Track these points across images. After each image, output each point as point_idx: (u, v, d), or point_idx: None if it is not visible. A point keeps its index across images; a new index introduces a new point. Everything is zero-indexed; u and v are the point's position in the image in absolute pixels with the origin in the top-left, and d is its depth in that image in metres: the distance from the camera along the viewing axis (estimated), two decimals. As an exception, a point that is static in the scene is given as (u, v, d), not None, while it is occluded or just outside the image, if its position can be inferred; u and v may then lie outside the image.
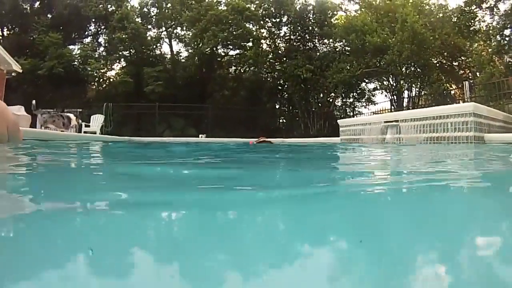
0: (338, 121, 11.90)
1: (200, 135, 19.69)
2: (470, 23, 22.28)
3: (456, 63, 24.14)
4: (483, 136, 6.90)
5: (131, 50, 24.93)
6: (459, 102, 20.63)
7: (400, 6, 22.49)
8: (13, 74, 16.80)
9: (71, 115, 13.57)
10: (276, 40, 25.63)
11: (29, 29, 24.76)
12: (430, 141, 7.38)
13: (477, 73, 21.61)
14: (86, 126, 18.21)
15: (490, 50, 21.63)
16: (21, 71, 17.26)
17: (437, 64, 23.57)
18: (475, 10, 22.18)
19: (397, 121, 8.52)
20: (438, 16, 23.63)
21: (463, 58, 23.81)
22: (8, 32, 26.37)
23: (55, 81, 22.65)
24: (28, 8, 26.40)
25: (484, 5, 21.90)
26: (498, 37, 20.38)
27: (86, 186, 1.42)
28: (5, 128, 3.04)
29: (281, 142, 14.90)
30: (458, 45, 22.14)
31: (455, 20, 22.64)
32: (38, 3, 26.39)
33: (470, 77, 22.30)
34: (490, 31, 21.31)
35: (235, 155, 4.71)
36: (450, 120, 7.04)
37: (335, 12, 25.15)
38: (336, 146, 8.08)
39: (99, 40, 27.45)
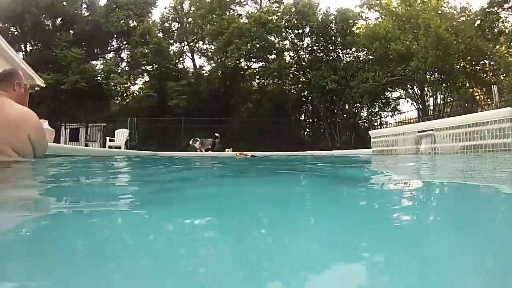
0: (370, 132, 11.59)
1: (226, 149, 19.42)
2: (494, 25, 22.11)
3: (479, 67, 23.80)
4: (521, 142, 6.59)
5: (154, 64, 24.91)
6: (485, 107, 20.36)
7: (421, 11, 22.32)
8: (36, 88, 16.78)
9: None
10: (299, 51, 25.45)
11: (52, 45, 24.96)
12: (467, 150, 7.08)
13: (502, 76, 21.34)
14: (110, 140, 18.16)
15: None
16: (44, 85, 17.25)
17: (460, 69, 23.25)
18: (498, 11, 22.03)
19: (431, 130, 8.23)
20: (460, 20, 23.46)
21: (486, 61, 23.51)
22: (31, 48, 26.68)
23: (78, 96, 22.76)
24: (50, 24, 26.80)
25: (506, 5, 21.76)
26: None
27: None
28: (26, 135, 2.97)
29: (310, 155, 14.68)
30: (481, 48, 21.84)
31: (478, 23, 22.47)
32: (60, 19, 26.75)
33: (493, 81, 22.00)
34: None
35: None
36: (487, 127, 6.67)
37: (356, 22, 25.03)
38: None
39: (122, 55, 27.81)
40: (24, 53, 25.75)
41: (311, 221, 1.07)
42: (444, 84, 22.40)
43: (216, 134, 18.61)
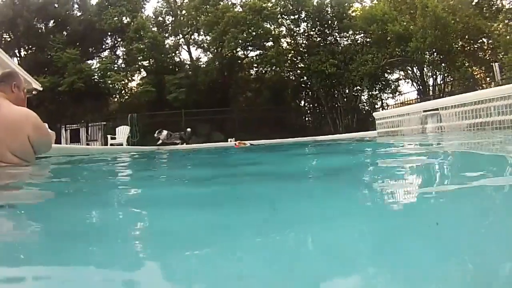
0: (374, 114, 11.52)
1: (229, 139, 19.28)
2: (492, 2, 21.92)
3: (477, 46, 23.60)
4: (528, 118, 6.47)
5: (150, 59, 24.82)
6: (484, 86, 20.23)
7: (417, -9, 22.08)
8: (33, 92, 16.64)
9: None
10: (296, 37, 25.23)
11: (46, 48, 24.84)
12: (474, 127, 6.94)
13: (501, 54, 21.15)
14: (112, 138, 18.07)
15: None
16: (41, 89, 17.13)
17: (459, 49, 23.05)
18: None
19: (437, 109, 8.09)
20: (457, -1, 23.26)
21: (484, 40, 23.32)
22: (25, 53, 26.54)
23: (77, 96, 22.65)
24: (43, 27, 26.64)
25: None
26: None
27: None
28: (25, 137, 2.78)
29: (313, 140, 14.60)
30: (479, 26, 21.64)
31: (476, 1, 22.28)
32: (52, 21, 26.55)
33: (492, 59, 21.84)
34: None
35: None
36: (493, 104, 6.54)
37: (351, 5, 24.82)
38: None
39: (117, 53, 27.62)
40: (18, 58, 25.60)
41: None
42: (443, 64, 22.25)
43: (188, 129, 18.45)
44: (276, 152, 6.71)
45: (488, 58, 23.02)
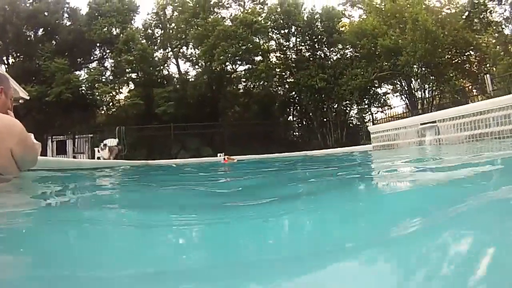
0: (369, 127, 11.55)
1: (218, 154, 19.08)
2: (482, 16, 22.13)
3: (464, 58, 23.75)
4: (527, 127, 6.56)
5: (139, 72, 24.64)
6: (472, 99, 20.43)
7: (407, 5, 22.18)
8: (20, 101, 16.39)
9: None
10: (286, 51, 25.29)
11: (34, 56, 24.57)
12: (473, 139, 6.99)
13: (488, 66, 21.35)
14: (99, 151, 17.84)
15: (504, 40, 21.28)
16: (28, 98, 16.86)
17: (447, 61, 23.17)
18: (486, 2, 22.04)
19: (434, 122, 8.14)
20: (445, 12, 23.42)
21: (472, 52, 23.47)
22: (13, 60, 26.15)
23: (64, 107, 22.44)
24: (32, 35, 26.30)
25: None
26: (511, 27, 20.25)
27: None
28: (8, 150, 2.39)
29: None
30: (467, 39, 21.80)
31: (467, 15, 22.46)
32: (41, 30, 26.28)
33: (479, 71, 22.07)
34: (503, 21, 21.17)
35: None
36: (492, 115, 6.65)
37: (340, 19, 24.93)
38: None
39: (105, 64, 27.37)
40: (6, 66, 25.21)
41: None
42: (432, 77, 22.34)
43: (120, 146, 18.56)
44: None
45: (475, 70, 23.22)
